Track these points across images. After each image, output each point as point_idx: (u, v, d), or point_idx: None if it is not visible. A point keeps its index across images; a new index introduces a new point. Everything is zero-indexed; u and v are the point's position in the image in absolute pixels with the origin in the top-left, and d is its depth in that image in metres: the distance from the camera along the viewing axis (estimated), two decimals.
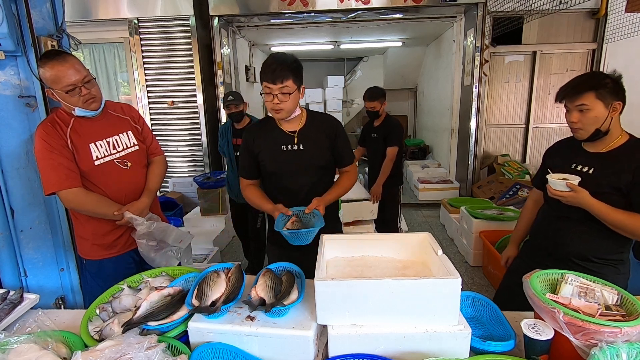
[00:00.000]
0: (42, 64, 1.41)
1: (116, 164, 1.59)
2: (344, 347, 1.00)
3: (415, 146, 7.64)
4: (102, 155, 1.55)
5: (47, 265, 1.78)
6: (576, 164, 1.44)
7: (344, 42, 6.75)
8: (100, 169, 1.54)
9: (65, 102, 1.45)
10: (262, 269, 1.24)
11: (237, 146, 3.05)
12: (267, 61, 1.43)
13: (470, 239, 3.49)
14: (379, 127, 3.14)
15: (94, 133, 1.55)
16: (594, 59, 4.75)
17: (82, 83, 1.44)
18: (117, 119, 1.66)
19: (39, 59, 1.52)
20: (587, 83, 1.33)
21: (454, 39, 5.34)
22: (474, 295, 1.30)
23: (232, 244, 4.16)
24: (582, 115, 1.34)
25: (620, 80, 1.33)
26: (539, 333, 0.98)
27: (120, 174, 1.60)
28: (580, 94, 1.32)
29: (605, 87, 1.30)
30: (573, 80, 1.38)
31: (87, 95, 1.46)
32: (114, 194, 1.58)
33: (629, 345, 0.88)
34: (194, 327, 1.04)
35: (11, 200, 1.67)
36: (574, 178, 1.34)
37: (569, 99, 1.36)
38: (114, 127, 1.62)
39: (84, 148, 1.51)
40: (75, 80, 1.42)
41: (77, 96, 1.44)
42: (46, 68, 1.40)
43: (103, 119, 1.60)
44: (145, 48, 4.58)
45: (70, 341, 1.09)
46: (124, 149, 1.63)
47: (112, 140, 1.60)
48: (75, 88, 1.43)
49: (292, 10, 4.40)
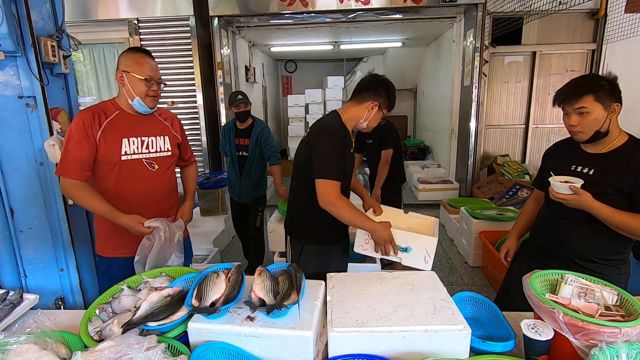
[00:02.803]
0: (135, 50, 1.58)
1: (143, 164, 1.61)
2: (343, 347, 1.00)
3: (415, 146, 7.64)
4: (132, 152, 1.57)
5: (47, 266, 1.78)
6: (576, 165, 1.44)
7: (343, 42, 6.75)
8: (126, 164, 1.56)
9: (134, 87, 1.54)
10: (257, 268, 1.23)
11: (240, 146, 3.07)
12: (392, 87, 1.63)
13: (470, 239, 3.49)
14: (373, 132, 3.14)
15: (131, 129, 1.59)
16: (594, 59, 4.75)
17: (157, 80, 1.59)
18: (159, 122, 1.70)
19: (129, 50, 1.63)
20: (585, 86, 1.32)
21: (454, 40, 5.34)
22: (474, 296, 1.30)
23: (231, 244, 4.16)
24: (581, 118, 1.33)
25: (616, 81, 1.33)
26: (539, 333, 0.98)
27: (145, 174, 1.61)
28: (579, 97, 1.32)
29: (603, 89, 1.29)
30: (570, 84, 1.37)
31: (153, 92, 1.58)
32: (134, 192, 1.59)
33: (628, 345, 0.88)
34: (193, 328, 1.04)
35: (11, 201, 1.67)
36: (576, 181, 1.34)
37: (567, 102, 1.35)
38: (153, 129, 1.66)
39: (115, 141, 1.54)
40: (154, 75, 1.57)
41: (147, 88, 1.56)
42: (138, 55, 1.55)
43: (146, 120, 1.65)
44: (145, 48, 4.58)
45: (69, 342, 1.09)
46: (156, 151, 1.65)
47: (147, 140, 1.62)
48: (150, 80, 1.56)
49: (292, 10, 4.41)
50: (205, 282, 1.15)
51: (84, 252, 1.95)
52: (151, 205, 1.62)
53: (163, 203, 1.68)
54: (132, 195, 1.58)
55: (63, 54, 1.78)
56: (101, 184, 1.56)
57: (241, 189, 3.12)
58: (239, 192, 3.15)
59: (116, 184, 1.56)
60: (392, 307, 1.09)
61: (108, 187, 1.55)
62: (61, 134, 1.79)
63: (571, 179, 1.36)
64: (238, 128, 3.07)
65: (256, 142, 3.01)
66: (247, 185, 3.10)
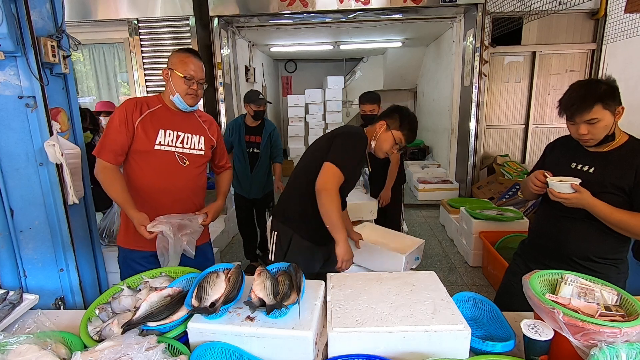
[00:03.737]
0: (183, 50, 1.67)
1: (175, 157, 1.66)
2: (343, 347, 1.00)
3: (415, 147, 7.64)
4: (166, 143, 1.64)
5: (47, 266, 1.77)
6: (576, 162, 1.44)
7: (343, 42, 6.75)
8: (158, 154, 1.62)
9: (176, 84, 1.63)
10: (257, 268, 1.24)
11: (250, 143, 3.16)
12: None
13: (470, 239, 3.49)
14: None
15: (169, 122, 1.66)
16: (594, 59, 4.75)
17: (197, 80, 1.64)
18: (198, 123, 1.77)
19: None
20: (592, 96, 1.29)
21: (454, 40, 5.34)
22: (474, 296, 1.30)
23: (231, 244, 4.16)
24: (592, 127, 1.32)
25: (615, 84, 1.33)
26: (539, 333, 0.98)
27: (175, 168, 1.66)
28: (590, 109, 1.29)
29: (608, 95, 1.29)
30: (574, 95, 1.34)
31: (193, 90, 1.64)
32: (162, 184, 1.65)
33: (628, 345, 0.88)
34: (193, 328, 1.04)
35: (10, 201, 1.67)
36: (574, 180, 1.34)
37: (578, 115, 1.33)
38: (191, 127, 1.72)
39: (152, 131, 1.62)
40: (196, 74, 1.64)
41: (187, 86, 1.62)
42: (184, 55, 1.64)
43: (186, 117, 1.72)
44: (145, 48, 4.58)
45: (69, 342, 1.09)
46: (190, 148, 1.70)
47: (183, 135, 1.69)
48: (192, 79, 1.62)
49: (292, 10, 4.41)
50: (205, 282, 1.15)
51: (84, 252, 1.95)
52: (176, 199, 1.68)
53: (187, 201, 1.72)
54: (160, 186, 1.64)
55: (63, 54, 1.77)
56: (135, 171, 1.64)
57: (252, 184, 3.22)
58: (249, 187, 3.22)
59: (146, 173, 1.63)
60: (392, 307, 1.09)
61: (138, 175, 1.64)
62: (61, 134, 1.79)
63: (568, 179, 1.36)
64: (248, 125, 3.14)
65: (268, 140, 3.15)
66: (260, 181, 3.21)
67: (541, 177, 1.42)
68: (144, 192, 1.64)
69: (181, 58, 1.63)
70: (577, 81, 1.40)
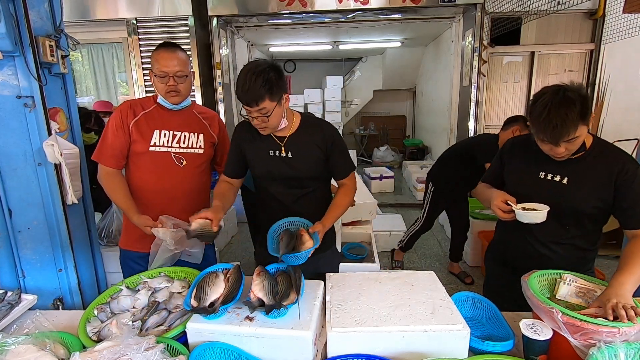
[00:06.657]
0: (157, 46, 1.57)
1: (172, 158, 1.62)
2: (343, 347, 1.00)
3: (414, 146, 7.66)
4: (161, 143, 1.60)
5: (45, 266, 1.77)
6: (545, 172, 1.33)
7: (342, 42, 6.75)
8: (153, 155, 1.59)
9: (155, 85, 1.58)
10: (256, 267, 1.23)
11: None
12: (239, 78, 1.26)
13: (469, 239, 3.49)
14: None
15: (164, 122, 1.62)
16: (592, 59, 4.76)
17: (173, 74, 1.53)
18: (196, 120, 1.70)
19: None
20: (573, 117, 1.15)
21: (453, 40, 5.34)
22: (473, 296, 1.30)
23: (231, 244, 4.16)
24: (570, 144, 1.20)
25: (584, 92, 1.20)
26: (538, 333, 0.99)
27: (172, 169, 1.62)
28: (575, 130, 1.16)
29: (585, 109, 1.16)
30: (553, 120, 1.16)
31: (171, 87, 1.55)
32: (158, 185, 1.61)
33: (627, 345, 0.88)
34: (192, 328, 1.04)
35: (9, 201, 1.66)
36: (541, 207, 1.25)
37: (564, 140, 1.18)
38: (188, 125, 1.66)
39: (147, 132, 1.58)
40: (169, 69, 1.53)
41: (163, 84, 1.55)
42: (156, 51, 1.56)
43: (182, 115, 1.66)
44: (143, 48, 4.57)
45: (68, 342, 1.09)
46: (187, 147, 1.65)
47: (179, 134, 1.63)
48: (165, 76, 1.53)
49: (291, 10, 4.40)
50: (204, 282, 1.15)
51: (83, 252, 1.95)
52: (175, 201, 1.63)
53: (188, 201, 1.64)
54: (156, 187, 1.61)
55: (61, 53, 1.77)
56: (131, 172, 1.63)
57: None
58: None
59: (143, 175, 1.61)
60: (391, 307, 1.09)
61: (135, 177, 1.62)
62: (59, 134, 1.79)
63: (537, 205, 1.26)
64: None
65: None
66: None
67: (505, 207, 1.30)
68: (141, 193, 1.61)
69: (154, 56, 1.55)
70: (546, 98, 1.20)
